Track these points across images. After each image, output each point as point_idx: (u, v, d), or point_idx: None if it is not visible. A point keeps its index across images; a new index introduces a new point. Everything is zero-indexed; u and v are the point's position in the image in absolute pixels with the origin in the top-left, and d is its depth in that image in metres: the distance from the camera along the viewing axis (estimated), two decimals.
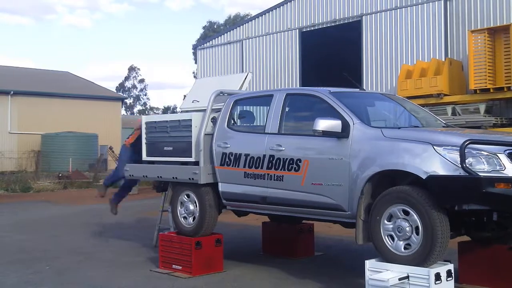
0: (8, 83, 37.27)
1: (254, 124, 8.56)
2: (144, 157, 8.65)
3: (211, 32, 59.28)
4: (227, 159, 7.63)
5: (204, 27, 65.76)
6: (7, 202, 19.13)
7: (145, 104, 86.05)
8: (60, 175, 25.89)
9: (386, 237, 5.95)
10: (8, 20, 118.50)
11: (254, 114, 8.70)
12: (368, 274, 5.94)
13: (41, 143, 34.97)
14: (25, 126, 36.11)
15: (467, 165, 5.42)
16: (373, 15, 19.70)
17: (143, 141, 8.63)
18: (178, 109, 12.25)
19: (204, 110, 7.97)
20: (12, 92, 36.11)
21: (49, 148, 33.98)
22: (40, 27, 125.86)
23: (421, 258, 5.64)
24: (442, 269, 5.67)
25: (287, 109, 7.33)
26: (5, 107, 35.85)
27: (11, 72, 41.78)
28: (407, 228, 5.78)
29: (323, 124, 6.33)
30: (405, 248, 5.82)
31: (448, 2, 17.81)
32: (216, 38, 25.76)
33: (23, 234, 11.84)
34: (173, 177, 8.20)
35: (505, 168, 5.49)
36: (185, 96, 10.77)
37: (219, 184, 7.77)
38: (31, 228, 12.85)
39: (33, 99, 36.95)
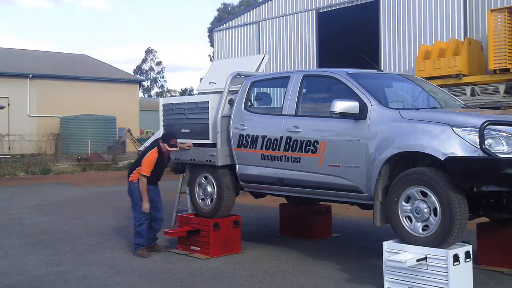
0: (27, 67, 37.56)
1: (271, 106, 8.55)
2: None
3: (225, 14, 59.05)
4: (244, 141, 7.63)
5: (218, 9, 65.53)
6: (27, 184, 19.37)
7: (162, 86, 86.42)
8: (79, 157, 26.14)
9: (404, 218, 5.93)
10: (28, 3, 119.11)
11: (271, 96, 8.68)
12: (385, 255, 5.94)
13: (60, 126, 35.28)
14: (44, 109, 36.42)
15: (486, 146, 5.36)
16: None
17: (161, 123, 8.67)
18: (195, 91, 12.24)
19: (221, 92, 7.98)
20: (31, 75, 36.41)
21: (68, 131, 34.29)
22: (59, 10, 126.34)
23: (439, 240, 5.62)
24: (461, 251, 5.65)
25: (304, 90, 7.30)
26: (24, 91, 36.17)
27: (30, 56, 42.07)
28: (425, 210, 5.76)
29: (340, 105, 6.30)
30: (423, 230, 5.81)
31: None
32: (233, 20, 25.64)
33: (43, 216, 11.99)
34: (190, 159, 8.25)
35: None
36: (201, 78, 10.77)
37: (237, 166, 7.79)
38: (51, 209, 13.01)
39: (52, 82, 37.23)
